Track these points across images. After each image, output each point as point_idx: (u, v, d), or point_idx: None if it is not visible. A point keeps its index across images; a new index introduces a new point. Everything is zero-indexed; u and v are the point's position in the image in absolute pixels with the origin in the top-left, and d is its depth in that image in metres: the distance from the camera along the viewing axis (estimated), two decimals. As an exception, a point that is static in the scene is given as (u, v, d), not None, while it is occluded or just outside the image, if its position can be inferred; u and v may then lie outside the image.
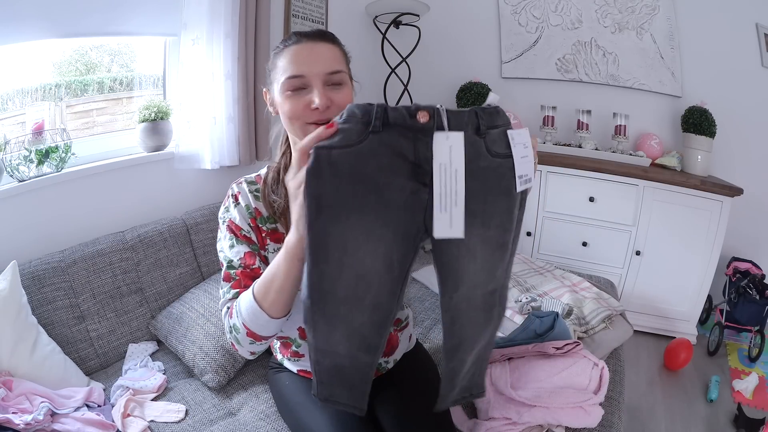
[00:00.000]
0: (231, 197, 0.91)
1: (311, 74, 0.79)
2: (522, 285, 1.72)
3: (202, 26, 1.64)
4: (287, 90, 0.80)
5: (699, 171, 2.31)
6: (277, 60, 0.83)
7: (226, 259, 0.87)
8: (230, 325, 0.80)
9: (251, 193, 0.90)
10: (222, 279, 0.86)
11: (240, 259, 0.85)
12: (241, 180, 0.93)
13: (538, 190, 2.42)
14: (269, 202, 0.88)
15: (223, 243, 0.89)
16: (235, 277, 0.85)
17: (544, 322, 1.25)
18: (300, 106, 0.79)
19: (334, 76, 0.80)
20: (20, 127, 1.42)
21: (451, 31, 2.83)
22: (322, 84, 0.79)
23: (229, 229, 0.88)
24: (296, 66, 0.79)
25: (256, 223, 0.89)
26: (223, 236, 0.89)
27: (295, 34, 0.83)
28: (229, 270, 0.86)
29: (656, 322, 2.37)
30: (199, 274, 1.59)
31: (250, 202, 0.89)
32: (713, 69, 2.40)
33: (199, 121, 1.71)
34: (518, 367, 1.13)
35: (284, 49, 0.82)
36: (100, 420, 1.08)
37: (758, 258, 2.40)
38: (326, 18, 2.46)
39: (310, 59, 0.79)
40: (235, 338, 0.80)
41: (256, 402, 1.20)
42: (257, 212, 0.89)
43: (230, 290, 0.84)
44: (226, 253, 0.87)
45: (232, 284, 0.84)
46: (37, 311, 1.22)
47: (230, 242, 0.87)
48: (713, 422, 1.78)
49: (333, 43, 0.84)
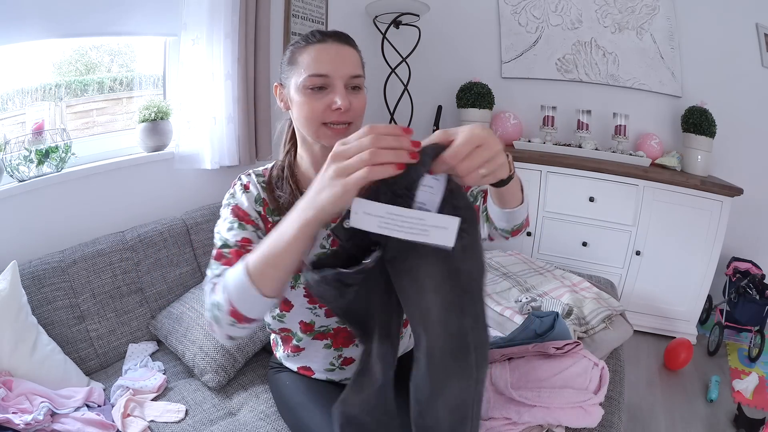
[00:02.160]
0: (240, 186, 0.89)
1: (336, 75, 0.79)
2: (522, 285, 1.72)
3: (202, 26, 1.64)
4: (308, 88, 0.79)
5: (699, 171, 2.31)
6: (297, 55, 0.82)
7: (222, 239, 0.82)
8: (212, 302, 0.72)
9: (260, 184, 0.90)
10: (213, 258, 0.81)
11: (237, 241, 0.81)
12: (249, 172, 0.92)
13: (538, 190, 2.43)
14: (274, 197, 0.88)
15: (221, 225, 0.85)
16: (228, 256, 0.79)
17: (544, 322, 1.25)
18: (320, 106, 0.79)
19: (355, 80, 0.81)
20: (20, 127, 1.42)
21: (451, 31, 2.83)
22: (344, 86, 0.80)
23: (234, 213, 0.85)
24: (322, 65, 0.79)
25: (264, 213, 0.88)
26: (223, 219, 0.86)
27: (320, 32, 0.82)
28: (222, 249, 0.81)
29: (656, 322, 2.37)
30: (199, 274, 1.59)
31: (260, 192, 0.88)
32: (713, 69, 2.40)
33: (199, 121, 1.71)
34: (518, 367, 1.13)
35: (308, 46, 0.81)
36: (100, 420, 1.08)
37: (758, 258, 2.40)
38: (326, 18, 2.46)
39: (337, 60, 0.80)
40: (214, 316, 0.72)
41: (256, 402, 1.20)
42: (266, 203, 0.88)
43: (219, 267, 0.78)
44: (223, 234, 0.83)
45: (223, 262, 0.78)
46: (37, 311, 1.22)
47: (230, 225, 0.84)
48: (713, 422, 1.78)
49: (355, 48, 0.85)
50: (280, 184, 0.88)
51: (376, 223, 0.56)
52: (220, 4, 1.65)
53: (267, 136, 1.95)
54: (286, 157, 0.92)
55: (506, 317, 1.51)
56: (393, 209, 0.56)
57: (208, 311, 0.73)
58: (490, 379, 1.14)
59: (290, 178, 0.89)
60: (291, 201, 0.85)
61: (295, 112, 0.84)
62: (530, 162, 2.38)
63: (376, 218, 0.56)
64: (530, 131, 2.71)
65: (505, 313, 1.53)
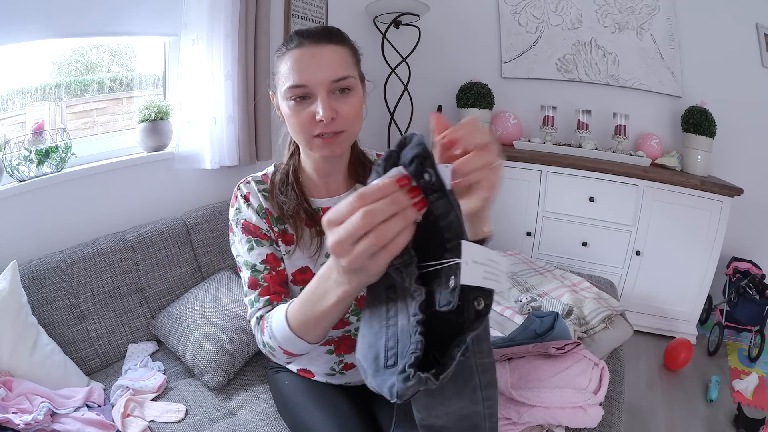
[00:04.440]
0: (241, 197, 0.86)
1: (314, 83, 0.74)
2: (522, 285, 1.72)
3: (202, 26, 1.64)
4: (290, 99, 0.76)
5: (699, 171, 2.31)
6: (279, 64, 0.78)
7: (248, 264, 0.81)
8: (263, 341, 0.74)
9: (260, 192, 0.87)
10: (247, 285, 0.80)
11: (263, 261, 0.81)
12: (248, 179, 0.88)
13: (538, 190, 2.42)
14: (278, 203, 0.85)
15: (239, 247, 0.83)
16: (263, 283, 0.79)
17: (544, 322, 1.25)
18: (305, 119, 0.75)
19: (339, 83, 0.75)
20: (20, 127, 1.42)
21: (451, 31, 2.83)
22: (326, 93, 0.74)
23: (246, 231, 0.83)
24: (298, 74, 0.74)
25: (270, 223, 0.85)
26: (239, 239, 0.84)
27: (297, 34, 0.76)
28: (254, 276, 0.80)
29: (656, 322, 2.36)
30: (199, 274, 1.59)
31: (261, 203, 0.86)
32: (713, 69, 2.40)
33: (199, 121, 1.71)
34: (518, 367, 1.13)
35: (286, 53, 0.77)
36: (100, 420, 1.08)
37: (758, 258, 2.40)
38: (326, 18, 2.47)
39: (313, 66, 0.74)
40: (270, 353, 0.74)
41: (256, 402, 1.20)
42: (268, 212, 0.86)
43: (259, 299, 0.78)
44: (246, 258, 0.82)
45: (260, 292, 0.79)
46: (37, 311, 1.22)
47: (249, 245, 0.82)
48: (713, 422, 1.78)
49: (339, 43, 0.77)
50: (285, 189, 0.86)
51: (481, 275, 0.41)
52: (220, 4, 1.65)
53: (267, 136, 1.95)
54: (291, 161, 0.89)
55: (506, 317, 1.52)
56: (491, 254, 0.42)
57: (262, 347, 0.75)
58: (490, 379, 1.14)
59: (295, 185, 0.86)
60: (296, 208, 0.84)
61: (286, 123, 0.81)
62: (530, 162, 2.38)
63: (481, 267, 0.41)
64: (530, 131, 2.71)
65: (505, 313, 1.53)
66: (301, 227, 0.85)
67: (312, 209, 0.87)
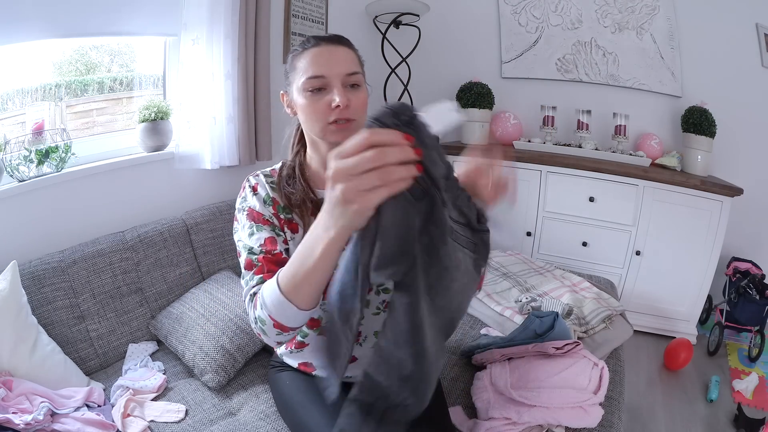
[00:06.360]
0: (249, 188, 0.92)
1: (331, 75, 0.83)
2: (522, 285, 1.72)
3: (202, 26, 1.64)
4: (307, 90, 0.84)
5: (699, 171, 2.31)
6: (296, 62, 0.87)
7: (246, 247, 0.86)
8: (255, 316, 0.77)
9: (268, 184, 0.92)
10: (243, 267, 0.85)
11: (261, 245, 0.85)
12: (257, 173, 0.95)
13: (538, 190, 2.43)
14: (285, 194, 0.90)
15: (241, 232, 0.89)
16: (258, 263, 0.83)
17: (544, 322, 1.25)
18: (321, 107, 0.83)
19: (351, 78, 0.85)
20: (20, 127, 1.42)
21: (451, 31, 2.83)
22: (341, 84, 0.84)
23: (250, 217, 0.89)
24: (317, 67, 0.84)
25: (276, 212, 0.90)
26: (242, 225, 0.89)
27: (314, 37, 0.87)
28: (250, 256, 0.85)
29: (656, 322, 2.37)
30: (199, 274, 1.59)
31: (268, 192, 0.91)
32: (713, 69, 2.40)
33: (199, 121, 1.71)
34: (518, 367, 1.13)
35: (303, 52, 0.86)
36: (100, 420, 1.08)
37: (758, 258, 2.40)
38: (326, 18, 2.46)
39: (331, 61, 0.84)
40: (261, 329, 0.76)
41: (256, 402, 1.20)
42: (275, 201, 0.91)
43: (253, 277, 0.82)
44: (246, 241, 0.87)
45: (255, 270, 0.83)
46: (37, 311, 1.22)
47: (250, 230, 0.88)
48: (713, 422, 1.78)
49: (350, 47, 0.89)
50: (292, 182, 0.92)
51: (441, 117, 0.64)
52: (220, 4, 1.65)
53: (267, 137, 1.95)
54: (296, 158, 0.95)
55: (506, 317, 1.52)
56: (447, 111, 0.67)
57: (254, 324, 0.78)
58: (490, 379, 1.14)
59: (301, 177, 0.92)
60: (303, 198, 0.90)
61: (300, 115, 0.88)
62: (530, 162, 2.38)
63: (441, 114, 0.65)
64: (530, 131, 2.71)
65: (505, 313, 1.53)
66: (307, 216, 0.90)
67: (318, 200, 0.91)
